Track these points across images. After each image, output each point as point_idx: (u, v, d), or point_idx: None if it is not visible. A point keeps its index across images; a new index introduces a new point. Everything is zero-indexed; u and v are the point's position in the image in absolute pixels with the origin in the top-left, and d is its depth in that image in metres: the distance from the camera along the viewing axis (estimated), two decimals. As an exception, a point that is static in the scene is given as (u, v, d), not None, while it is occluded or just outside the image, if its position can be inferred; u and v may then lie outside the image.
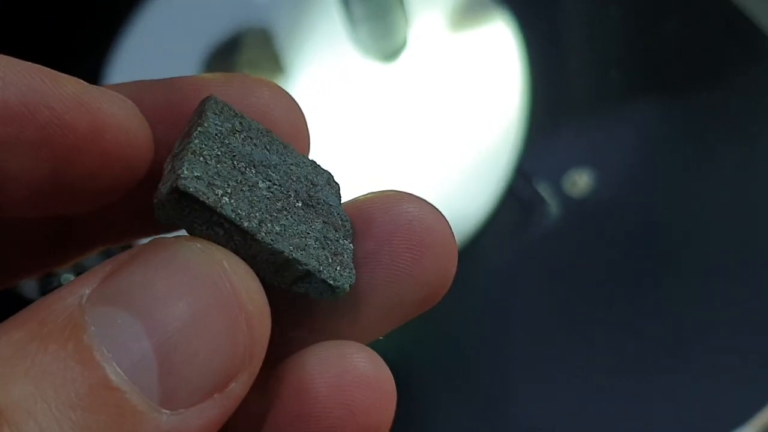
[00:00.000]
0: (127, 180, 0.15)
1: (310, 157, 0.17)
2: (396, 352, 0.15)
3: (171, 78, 0.17)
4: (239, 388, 0.13)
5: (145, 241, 0.14)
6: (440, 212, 0.16)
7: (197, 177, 0.14)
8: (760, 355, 0.40)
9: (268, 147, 0.16)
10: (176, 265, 0.13)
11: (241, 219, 0.14)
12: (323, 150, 0.17)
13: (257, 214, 0.14)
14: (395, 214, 0.16)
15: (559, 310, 0.43)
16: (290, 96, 0.17)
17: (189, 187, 0.14)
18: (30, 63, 0.14)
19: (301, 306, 0.16)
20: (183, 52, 0.48)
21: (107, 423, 0.12)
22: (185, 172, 0.14)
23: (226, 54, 0.48)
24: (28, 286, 0.42)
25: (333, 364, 0.15)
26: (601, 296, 0.43)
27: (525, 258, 0.44)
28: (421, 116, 0.47)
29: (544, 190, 0.45)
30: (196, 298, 0.13)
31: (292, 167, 0.16)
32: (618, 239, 0.44)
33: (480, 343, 0.43)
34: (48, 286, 0.42)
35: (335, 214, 0.16)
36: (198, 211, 0.14)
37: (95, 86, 0.15)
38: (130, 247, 0.14)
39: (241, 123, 0.16)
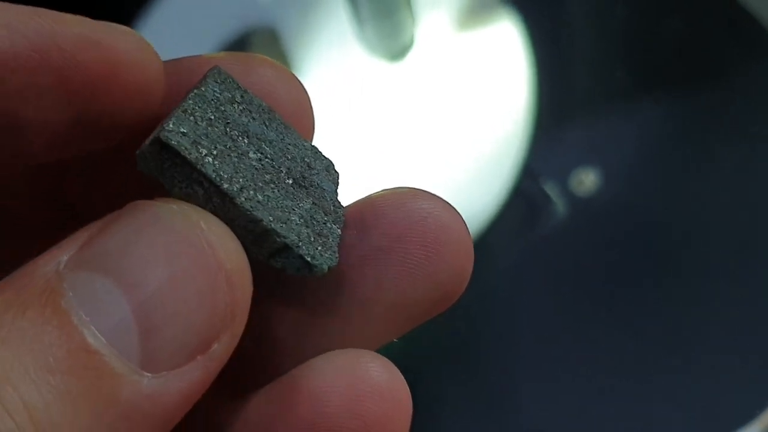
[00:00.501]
0: (144, 113, 0.15)
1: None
2: (401, 349, 0.15)
3: (174, 59, 0.16)
4: (222, 349, 0.13)
5: None
6: (455, 209, 0.16)
7: (182, 133, 0.14)
8: (760, 356, 0.40)
9: (267, 123, 0.15)
10: (152, 227, 0.13)
11: (221, 180, 0.14)
12: (330, 149, 0.17)
13: (240, 180, 0.14)
14: (409, 211, 0.15)
15: (565, 309, 0.43)
16: (295, 76, 0.17)
17: (171, 140, 0.13)
18: (31, 7, 0.14)
19: (313, 306, 0.16)
20: (190, 52, 0.48)
21: (87, 387, 0.12)
22: (170, 125, 0.14)
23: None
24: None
25: (346, 373, 0.14)
26: (606, 295, 0.43)
27: (531, 257, 0.44)
28: (427, 115, 0.47)
29: (550, 189, 0.45)
30: (173, 258, 0.13)
31: (289, 147, 0.16)
32: (624, 238, 0.44)
33: (485, 341, 0.43)
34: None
35: (328, 199, 0.16)
36: (178, 166, 0.14)
37: (102, 22, 0.14)
38: None
39: (242, 96, 0.15)
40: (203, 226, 0.13)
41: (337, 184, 0.16)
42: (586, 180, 0.45)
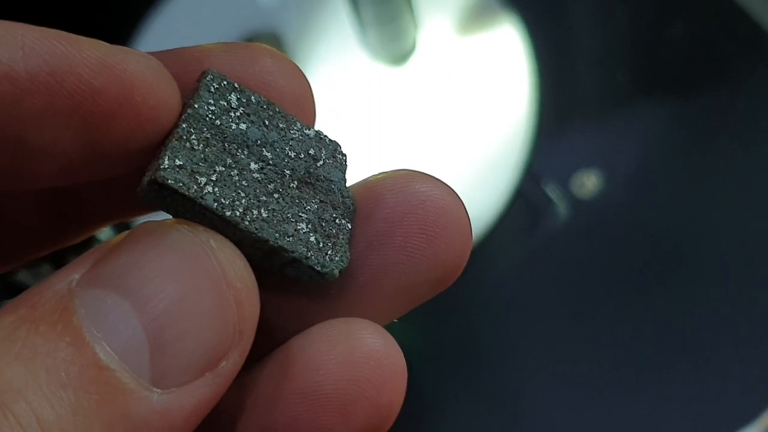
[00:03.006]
0: (158, 139, 0.15)
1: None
2: (406, 350, 0.15)
3: (171, 49, 0.16)
4: (230, 366, 0.13)
5: (142, 220, 0.14)
6: (454, 191, 0.16)
7: (179, 166, 0.14)
8: (764, 357, 0.40)
9: (267, 122, 0.15)
10: (163, 247, 0.13)
11: (223, 208, 0.14)
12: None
13: (243, 201, 0.14)
14: (408, 194, 0.15)
15: (567, 311, 0.43)
16: (293, 63, 0.17)
17: (168, 179, 0.14)
18: (47, 28, 0.13)
19: (311, 289, 0.16)
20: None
21: (98, 402, 0.12)
22: (166, 162, 0.14)
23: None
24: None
25: (341, 341, 0.15)
26: (608, 297, 0.43)
27: (533, 259, 0.44)
28: (430, 119, 0.47)
29: (552, 192, 0.45)
30: (183, 277, 0.13)
31: (292, 142, 0.15)
32: (626, 240, 0.44)
33: (489, 342, 0.44)
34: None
35: (335, 191, 0.16)
36: (180, 200, 0.14)
37: (118, 46, 0.14)
38: (128, 227, 0.14)
39: (238, 98, 0.15)
40: (213, 245, 0.13)
41: (345, 167, 0.16)
42: (588, 182, 0.45)
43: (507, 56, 0.47)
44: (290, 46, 0.49)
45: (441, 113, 0.47)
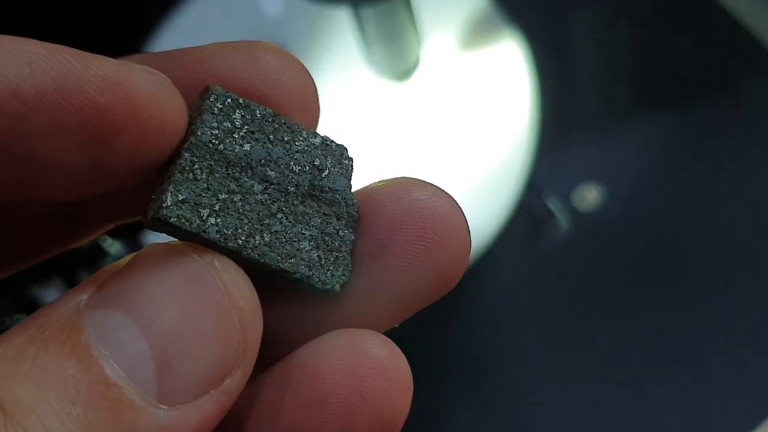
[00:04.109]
0: (165, 154, 0.15)
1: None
2: (410, 362, 0.15)
3: (173, 50, 0.16)
4: (234, 383, 0.14)
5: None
6: (453, 198, 0.16)
7: (181, 201, 0.14)
8: (764, 366, 0.40)
9: (272, 137, 0.15)
10: (169, 268, 0.13)
11: (225, 239, 0.14)
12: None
13: (245, 228, 0.15)
14: (408, 201, 0.16)
15: (569, 322, 0.43)
16: (297, 60, 0.16)
17: (170, 217, 0.14)
18: (55, 45, 0.13)
19: (312, 295, 0.16)
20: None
21: (106, 418, 0.12)
22: (168, 200, 0.14)
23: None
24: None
25: (347, 350, 0.15)
26: (610, 309, 0.43)
27: (536, 271, 0.45)
28: (433, 133, 0.47)
29: (554, 205, 0.45)
30: (188, 297, 0.13)
31: (297, 155, 0.16)
32: (627, 252, 0.44)
33: (491, 353, 0.44)
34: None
35: (340, 201, 0.16)
36: (183, 232, 0.14)
37: (125, 62, 0.14)
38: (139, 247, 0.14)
39: (243, 116, 0.15)
40: (217, 266, 0.14)
41: (351, 173, 0.16)
42: (589, 195, 0.45)
43: (509, 71, 0.48)
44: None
45: (444, 128, 0.47)
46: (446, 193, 0.16)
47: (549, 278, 0.44)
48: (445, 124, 0.47)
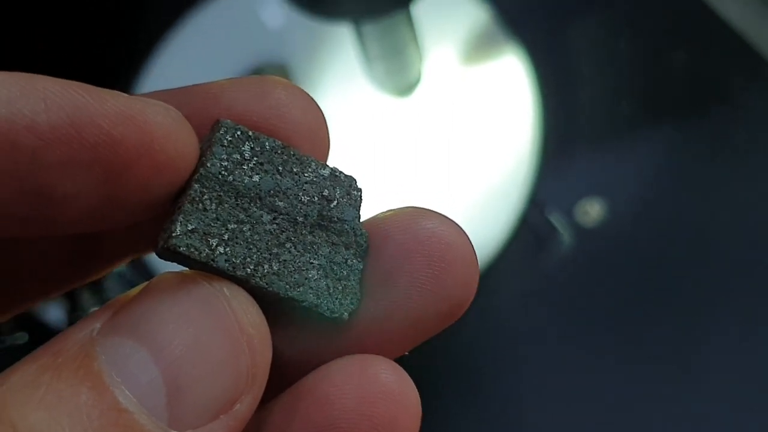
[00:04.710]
0: (176, 188, 0.15)
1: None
2: (411, 375, 0.15)
3: (185, 87, 0.16)
4: (244, 408, 0.14)
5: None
6: (460, 227, 0.16)
7: (190, 231, 0.14)
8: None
9: (281, 168, 0.16)
10: (179, 296, 0.14)
11: (234, 268, 0.15)
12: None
13: (254, 257, 0.15)
14: (415, 231, 0.16)
15: (571, 337, 0.43)
16: (307, 94, 0.17)
17: (180, 247, 0.14)
18: (68, 81, 0.14)
19: (321, 322, 0.16)
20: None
21: None
22: (178, 230, 0.14)
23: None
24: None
25: (356, 376, 0.15)
26: (612, 324, 0.43)
27: (538, 286, 0.45)
28: (435, 149, 0.47)
29: (556, 220, 0.45)
30: (198, 324, 0.13)
31: (306, 186, 0.16)
32: (629, 267, 0.44)
33: (494, 369, 0.44)
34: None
35: (348, 231, 0.16)
36: (193, 261, 0.15)
37: (137, 97, 0.14)
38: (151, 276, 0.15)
39: (252, 148, 0.15)
40: (227, 293, 0.14)
41: (360, 204, 0.17)
42: (592, 210, 0.45)
43: (511, 85, 0.48)
44: (297, 78, 0.50)
45: (446, 143, 0.47)
46: (453, 222, 0.16)
47: (551, 293, 0.44)
48: (447, 139, 0.47)
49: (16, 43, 0.51)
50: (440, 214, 0.16)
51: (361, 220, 0.17)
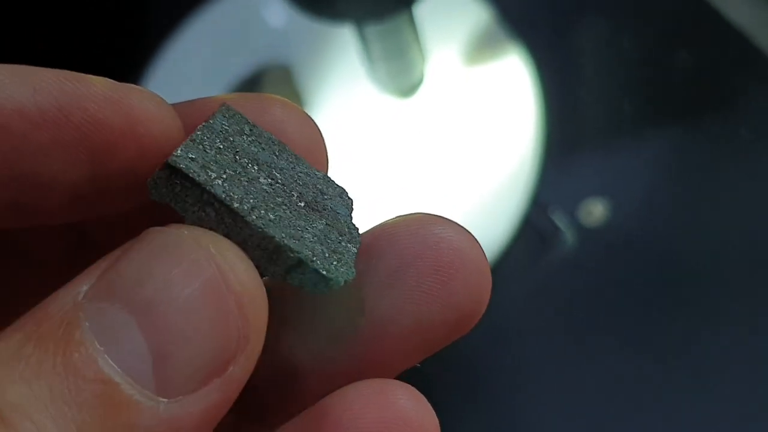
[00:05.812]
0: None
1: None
2: (412, 375, 0.15)
3: (187, 101, 0.17)
4: (238, 371, 0.13)
5: None
6: (473, 236, 0.16)
7: (191, 158, 0.14)
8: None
9: (277, 153, 0.16)
10: (163, 256, 0.13)
11: (231, 200, 0.14)
12: (341, 184, 0.17)
13: (251, 200, 0.14)
14: (423, 236, 0.15)
15: (575, 338, 0.43)
16: (307, 115, 0.17)
17: (180, 164, 0.14)
18: (56, 69, 0.14)
19: (331, 333, 0.16)
20: (204, 90, 0.49)
21: (103, 416, 0.12)
22: (179, 152, 0.14)
23: (249, 90, 0.49)
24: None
25: (373, 401, 0.15)
26: (617, 325, 0.43)
27: (541, 287, 0.45)
28: (437, 150, 0.47)
29: (559, 220, 0.45)
30: (182, 285, 0.13)
31: (300, 174, 0.16)
32: (633, 268, 0.44)
33: (496, 369, 0.44)
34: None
35: (342, 222, 0.16)
36: (189, 189, 0.14)
37: (123, 83, 0.15)
38: None
39: (251, 129, 0.16)
40: (212, 251, 0.13)
41: (352, 209, 0.16)
42: (595, 211, 0.45)
43: (513, 86, 0.48)
44: (300, 78, 0.50)
45: (448, 144, 0.47)
46: (465, 230, 0.16)
47: (555, 294, 0.44)
48: (450, 139, 0.47)
49: (16, 43, 0.51)
50: (452, 221, 0.16)
51: (368, 228, 0.16)
